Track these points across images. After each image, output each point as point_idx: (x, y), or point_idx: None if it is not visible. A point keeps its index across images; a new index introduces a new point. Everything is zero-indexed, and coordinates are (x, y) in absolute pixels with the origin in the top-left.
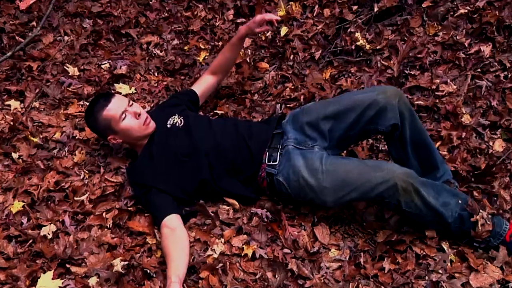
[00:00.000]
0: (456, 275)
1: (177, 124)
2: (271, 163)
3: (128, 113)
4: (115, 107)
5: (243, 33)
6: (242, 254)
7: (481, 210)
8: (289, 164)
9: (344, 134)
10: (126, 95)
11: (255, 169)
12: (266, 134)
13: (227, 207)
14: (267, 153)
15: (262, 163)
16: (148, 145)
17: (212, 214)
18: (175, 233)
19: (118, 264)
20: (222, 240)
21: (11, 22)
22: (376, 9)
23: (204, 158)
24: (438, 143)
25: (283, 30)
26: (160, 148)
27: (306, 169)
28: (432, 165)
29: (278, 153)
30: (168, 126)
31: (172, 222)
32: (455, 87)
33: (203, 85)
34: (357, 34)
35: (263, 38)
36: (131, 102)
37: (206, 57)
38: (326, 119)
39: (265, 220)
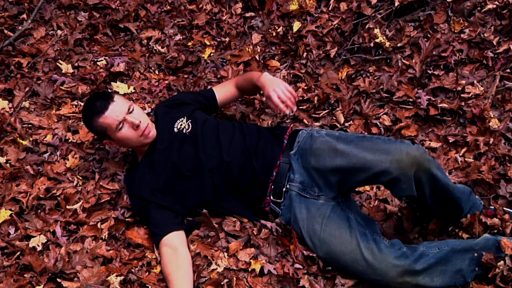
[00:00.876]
0: None
1: (184, 130)
2: (276, 199)
3: (126, 122)
4: (113, 115)
5: (259, 85)
6: (250, 269)
7: (500, 256)
8: (292, 212)
9: (354, 187)
10: (124, 95)
11: (259, 194)
12: (273, 154)
13: (234, 219)
14: (272, 186)
15: (267, 195)
16: (150, 151)
17: (216, 225)
18: (177, 254)
19: (114, 280)
20: (227, 253)
21: None
22: (397, 3)
23: (208, 176)
24: (464, 150)
25: (296, 26)
26: (163, 157)
27: (306, 227)
28: (457, 210)
29: (283, 191)
30: (175, 130)
31: (173, 241)
32: (482, 88)
33: (225, 93)
34: (376, 31)
35: (274, 34)
36: (132, 107)
37: (211, 54)
38: (334, 172)
39: (275, 234)
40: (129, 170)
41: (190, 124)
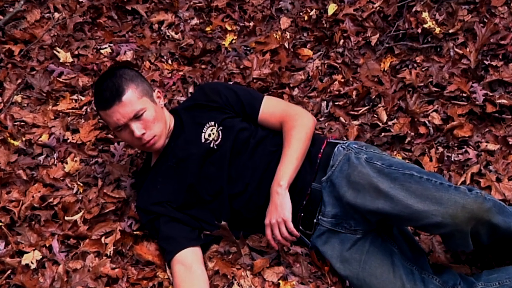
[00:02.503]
0: None
1: (212, 144)
2: (305, 230)
3: (128, 127)
4: (114, 117)
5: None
6: None
7: None
8: (322, 247)
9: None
10: None
11: None
12: (303, 183)
13: (260, 233)
14: (302, 215)
15: (296, 223)
16: (167, 157)
17: (238, 241)
18: (192, 273)
19: None
20: (251, 272)
21: None
22: None
23: (227, 205)
24: None
25: (331, 8)
26: (181, 171)
27: (341, 265)
28: None
29: (314, 222)
30: (202, 140)
31: (187, 258)
32: None
33: (270, 116)
34: (425, 14)
35: (306, 17)
36: (142, 111)
37: (233, 41)
38: (374, 214)
39: (308, 252)
40: (139, 174)
41: (220, 133)
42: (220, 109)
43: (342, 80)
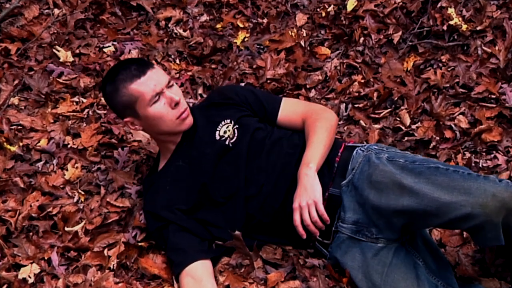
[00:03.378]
0: None
1: (227, 141)
2: (322, 240)
3: (163, 97)
4: (151, 84)
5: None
6: None
7: None
8: (343, 258)
9: (422, 229)
10: None
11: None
12: (321, 185)
13: (274, 245)
14: None
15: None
16: (178, 157)
17: (251, 253)
18: (202, 286)
19: None
20: (265, 286)
21: None
22: None
23: (242, 207)
24: None
25: (350, 4)
26: (193, 171)
27: (362, 277)
28: None
29: (333, 230)
30: (217, 137)
31: (197, 272)
32: None
33: (290, 117)
34: (450, 10)
35: (323, 14)
36: (172, 82)
37: (245, 39)
38: (400, 215)
39: (326, 263)
40: (146, 180)
41: (236, 131)
42: (237, 106)
43: (362, 81)
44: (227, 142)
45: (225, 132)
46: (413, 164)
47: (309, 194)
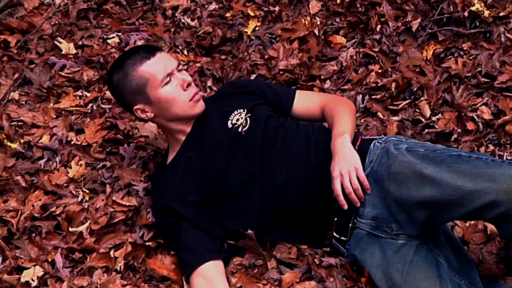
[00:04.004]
0: None
1: (240, 128)
2: (339, 237)
3: (174, 78)
4: (161, 64)
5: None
6: None
7: None
8: (361, 255)
9: (444, 223)
10: None
11: (318, 226)
12: None
13: (288, 244)
14: (336, 219)
15: (329, 229)
16: (187, 148)
17: (265, 252)
18: (214, 287)
19: None
20: (280, 287)
21: None
22: None
23: (259, 197)
24: None
25: None
26: (205, 160)
27: (381, 276)
28: None
29: (350, 227)
30: (229, 125)
31: (209, 272)
32: None
33: (307, 107)
34: None
35: (338, 0)
36: (181, 65)
37: (256, 28)
38: (422, 207)
39: (345, 261)
40: (154, 175)
41: (248, 120)
42: (251, 95)
43: (380, 71)
44: (239, 130)
45: (237, 120)
46: (434, 153)
47: (348, 161)
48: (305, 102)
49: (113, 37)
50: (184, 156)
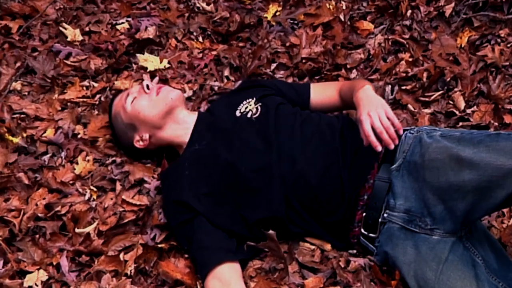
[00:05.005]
0: None
1: (249, 115)
2: (367, 233)
3: (131, 92)
4: (119, 95)
5: (354, 102)
6: None
7: None
8: (392, 252)
9: (483, 215)
10: (155, 71)
11: (342, 216)
12: (364, 161)
13: (311, 246)
14: (364, 214)
15: (355, 224)
16: (193, 142)
17: (286, 255)
18: None
19: None
20: None
21: None
22: None
23: (279, 184)
24: None
25: None
26: (214, 148)
27: (413, 274)
28: None
29: (379, 222)
30: (237, 114)
31: (224, 274)
32: None
33: (323, 96)
34: None
35: None
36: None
37: (277, 13)
38: (461, 194)
39: (368, 270)
40: (164, 172)
41: (259, 108)
42: (263, 87)
43: (410, 60)
44: (249, 116)
45: (246, 108)
46: (470, 135)
47: (375, 103)
48: (321, 91)
49: (122, 23)
50: (190, 150)
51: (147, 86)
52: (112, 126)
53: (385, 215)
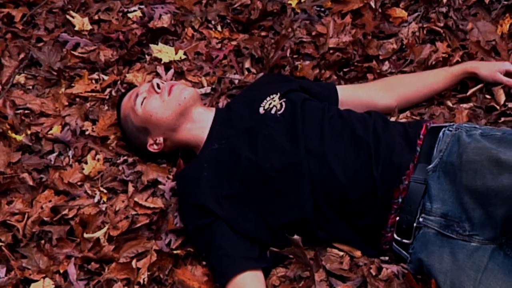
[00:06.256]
0: None
1: (273, 111)
2: (401, 239)
3: (140, 92)
4: (128, 95)
5: (469, 71)
6: None
7: None
8: (427, 260)
9: None
10: (169, 63)
11: (374, 219)
12: (399, 159)
13: (340, 252)
14: (397, 218)
15: (387, 229)
16: (212, 140)
17: (312, 262)
18: None
19: None
20: None
21: None
22: None
23: (308, 184)
24: None
25: None
26: (238, 148)
27: (450, 283)
28: None
29: (414, 227)
30: (261, 111)
31: (246, 283)
32: None
33: (351, 88)
34: None
35: None
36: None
37: (302, 0)
38: (500, 199)
39: (404, 271)
40: (180, 173)
41: (284, 104)
42: (287, 82)
43: (447, 50)
44: (273, 112)
45: (270, 104)
46: None
47: (497, 63)
48: (349, 88)
49: (134, 11)
50: (209, 150)
51: (157, 85)
52: (122, 128)
53: (421, 219)
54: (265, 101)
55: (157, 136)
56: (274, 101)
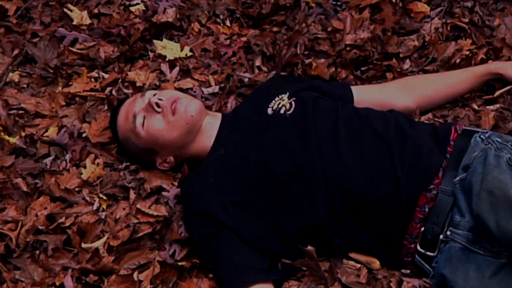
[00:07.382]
0: None
1: (282, 111)
2: (424, 251)
3: (138, 113)
4: (122, 115)
5: (493, 72)
6: None
7: None
8: (452, 275)
9: None
10: (174, 61)
11: (396, 223)
12: (429, 161)
13: (357, 264)
14: (422, 228)
15: (412, 239)
16: (218, 146)
17: (327, 274)
18: None
19: None
20: None
21: None
22: None
23: (322, 186)
24: None
25: None
26: (246, 151)
27: None
28: None
29: (440, 239)
30: (269, 112)
31: None
32: None
33: (366, 88)
34: None
35: None
36: (152, 92)
37: None
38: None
39: (426, 286)
40: (185, 180)
41: (293, 103)
42: (297, 82)
43: (471, 48)
44: (282, 112)
45: (279, 104)
46: None
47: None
48: (364, 88)
49: (137, 4)
50: (215, 155)
51: (156, 104)
52: (122, 147)
53: (448, 232)
54: (273, 101)
55: (166, 156)
56: (283, 100)
